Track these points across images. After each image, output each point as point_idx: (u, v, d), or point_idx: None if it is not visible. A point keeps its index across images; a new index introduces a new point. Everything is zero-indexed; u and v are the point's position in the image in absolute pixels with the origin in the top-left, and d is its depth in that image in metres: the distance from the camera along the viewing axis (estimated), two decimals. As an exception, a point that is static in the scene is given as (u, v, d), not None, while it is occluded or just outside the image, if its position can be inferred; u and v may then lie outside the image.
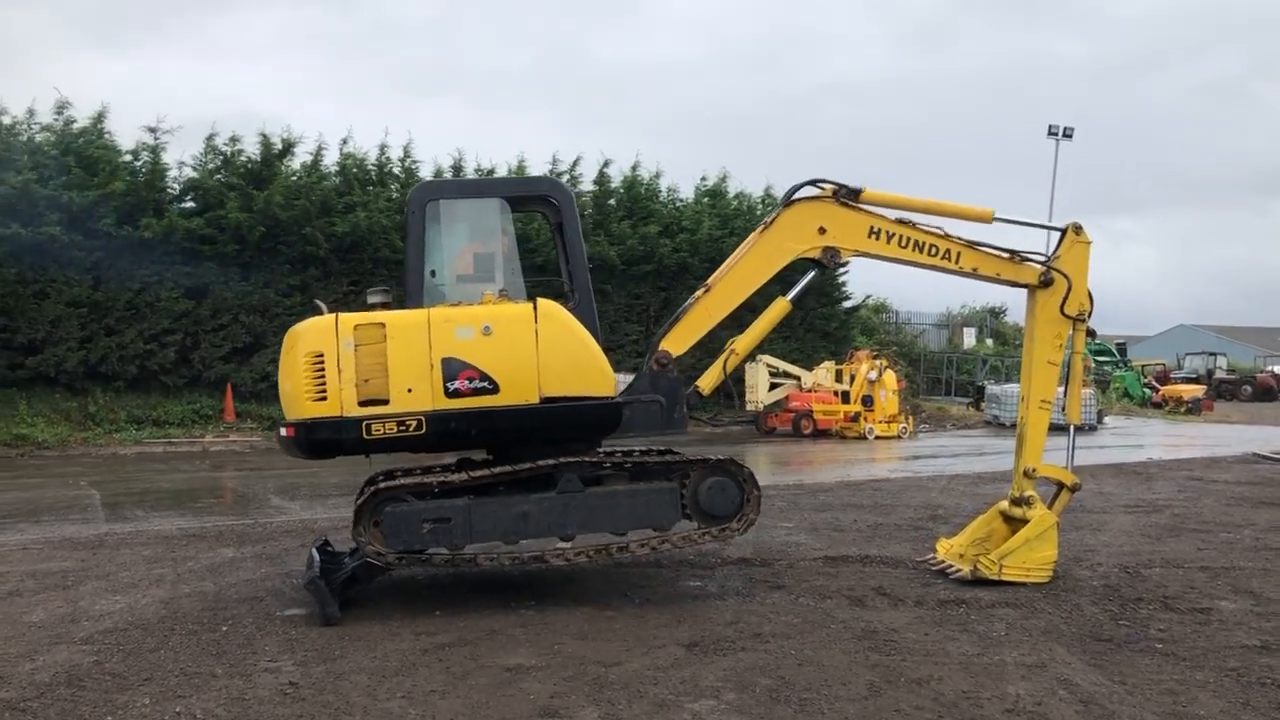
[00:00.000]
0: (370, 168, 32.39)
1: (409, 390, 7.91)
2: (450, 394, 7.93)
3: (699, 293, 9.05)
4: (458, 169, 33.00)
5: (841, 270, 37.63)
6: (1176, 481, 17.35)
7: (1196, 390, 44.87)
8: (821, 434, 30.21)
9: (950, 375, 44.26)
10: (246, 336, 29.18)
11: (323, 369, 7.84)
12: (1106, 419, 36.64)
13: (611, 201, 35.75)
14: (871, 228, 9.06)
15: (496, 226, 8.74)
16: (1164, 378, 49.79)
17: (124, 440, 25.25)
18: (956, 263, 9.20)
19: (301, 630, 7.48)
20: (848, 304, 39.84)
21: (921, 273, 9.32)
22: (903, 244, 9.12)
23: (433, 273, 8.47)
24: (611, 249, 33.52)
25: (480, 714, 5.67)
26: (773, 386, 32.22)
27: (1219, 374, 56.30)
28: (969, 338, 48.85)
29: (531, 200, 9.17)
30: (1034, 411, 9.30)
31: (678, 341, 8.93)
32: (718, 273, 9.14)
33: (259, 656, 6.82)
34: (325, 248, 29.65)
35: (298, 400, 7.89)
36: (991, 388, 37.10)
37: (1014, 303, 63.90)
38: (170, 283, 27.41)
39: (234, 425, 28.29)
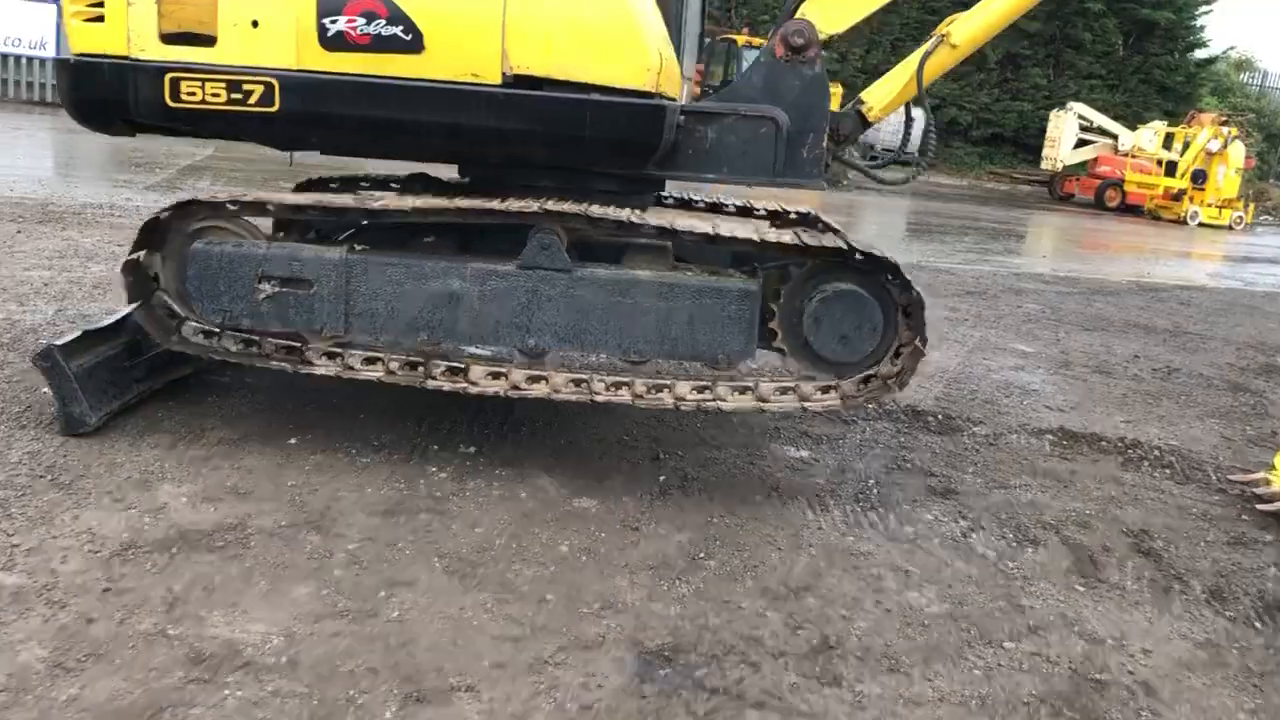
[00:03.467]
0: None
1: (253, 24, 4.04)
2: (329, 41, 4.01)
3: (894, -91, 4.53)
4: None
5: (1203, 6, 29.84)
6: None
7: None
8: (1130, 210, 24.37)
9: (1316, 160, 35.70)
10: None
11: (97, -38, 4.07)
12: None
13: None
14: None
15: None
16: None
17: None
18: None
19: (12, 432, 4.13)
20: (1200, 54, 31.94)
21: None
22: None
23: None
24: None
25: None
26: (1080, 144, 26.18)
27: None
28: (1352, 116, 39.19)
29: None
30: None
31: (840, 5, 4.57)
32: None
33: None
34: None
35: (66, 21, 4.19)
36: (1371, 183, 29.21)
37: None
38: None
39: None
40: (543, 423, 4.96)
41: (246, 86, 4.05)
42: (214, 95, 4.06)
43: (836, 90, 21.55)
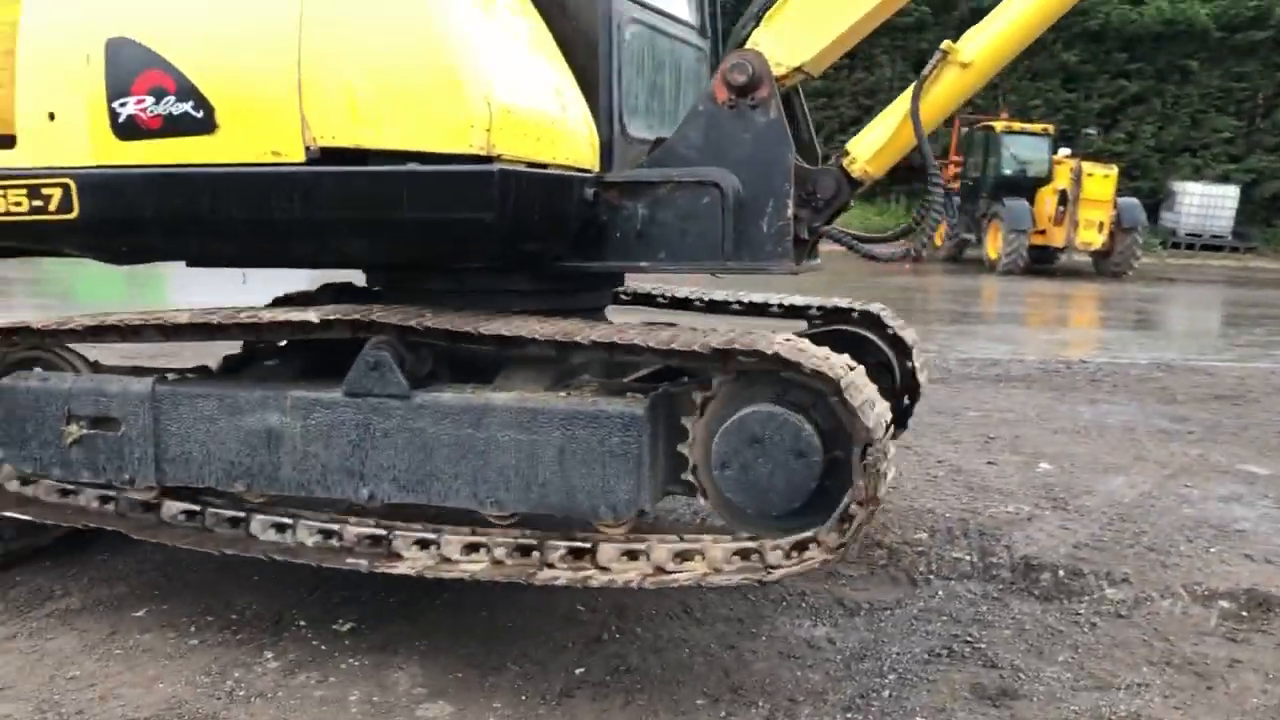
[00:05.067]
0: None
1: (50, 116, 3.42)
2: (121, 128, 3.31)
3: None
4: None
5: None
6: None
7: None
8: None
9: None
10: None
11: (-91, 66, 3.61)
12: None
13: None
14: None
15: None
16: None
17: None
18: None
19: None
20: None
21: None
22: None
23: None
24: (1200, 6, 24.60)
25: None
26: None
27: None
28: None
29: None
30: None
31: (801, 29, 3.45)
32: None
33: None
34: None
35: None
36: None
37: None
38: None
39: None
40: (479, 586, 3.88)
41: (45, 191, 3.41)
42: (16, 205, 3.45)
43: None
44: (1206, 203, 25.87)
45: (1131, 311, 15.54)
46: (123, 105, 3.27)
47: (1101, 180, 19.79)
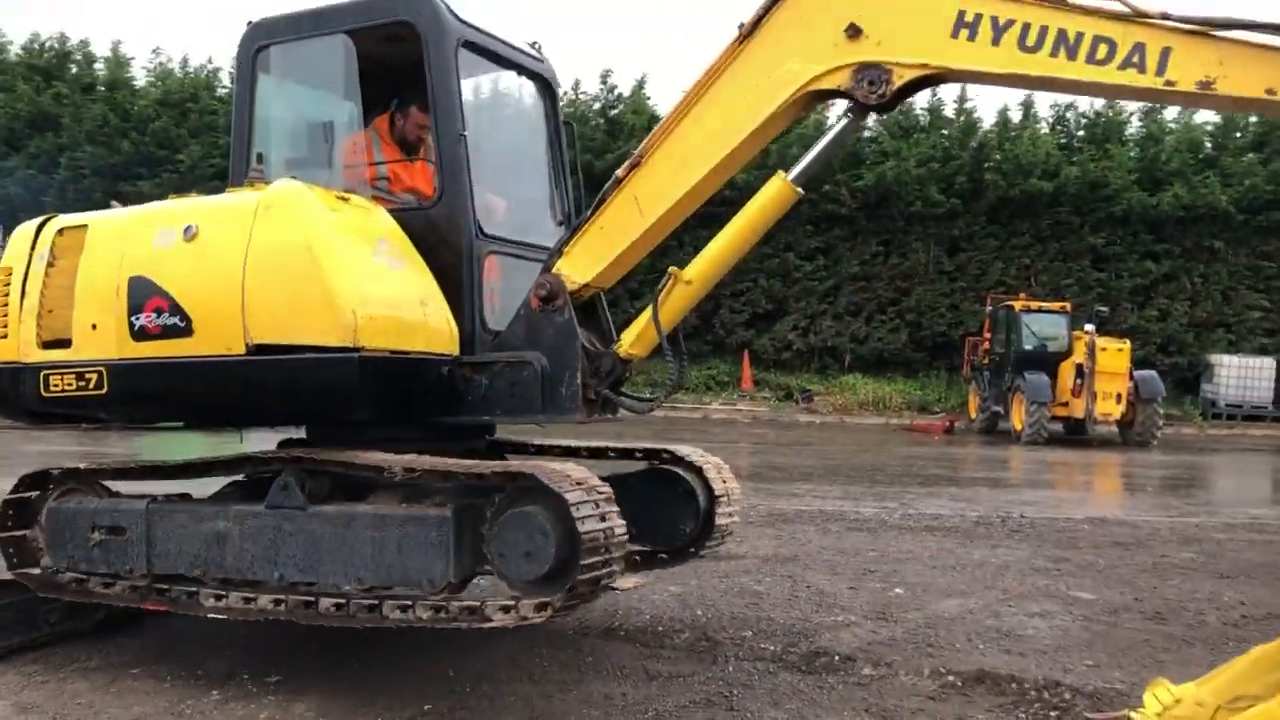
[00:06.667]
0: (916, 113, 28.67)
1: (93, 327, 5.20)
2: (136, 334, 5.05)
3: (623, 170, 5.00)
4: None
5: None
6: None
7: None
8: None
9: None
10: (767, 303, 27.39)
11: (7, 294, 5.46)
12: None
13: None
14: (961, 14, 4.32)
15: (339, 77, 5.63)
16: None
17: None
18: (1160, 71, 4.03)
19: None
20: None
21: None
22: (1026, 42, 4.22)
23: (259, 156, 5.60)
24: (1223, 193, 25.90)
25: None
26: None
27: None
28: None
29: (386, 29, 5.65)
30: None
31: (586, 260, 5.05)
32: (656, 132, 4.98)
33: None
34: (850, 205, 26.67)
35: (-14, 337, 5.60)
36: None
37: None
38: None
39: (748, 394, 26.96)
40: (386, 657, 5.33)
41: (87, 375, 5.15)
42: (68, 385, 5.19)
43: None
44: (1244, 375, 26.54)
45: (1125, 477, 16.44)
46: (137, 319, 5.00)
47: (1115, 354, 20.90)
